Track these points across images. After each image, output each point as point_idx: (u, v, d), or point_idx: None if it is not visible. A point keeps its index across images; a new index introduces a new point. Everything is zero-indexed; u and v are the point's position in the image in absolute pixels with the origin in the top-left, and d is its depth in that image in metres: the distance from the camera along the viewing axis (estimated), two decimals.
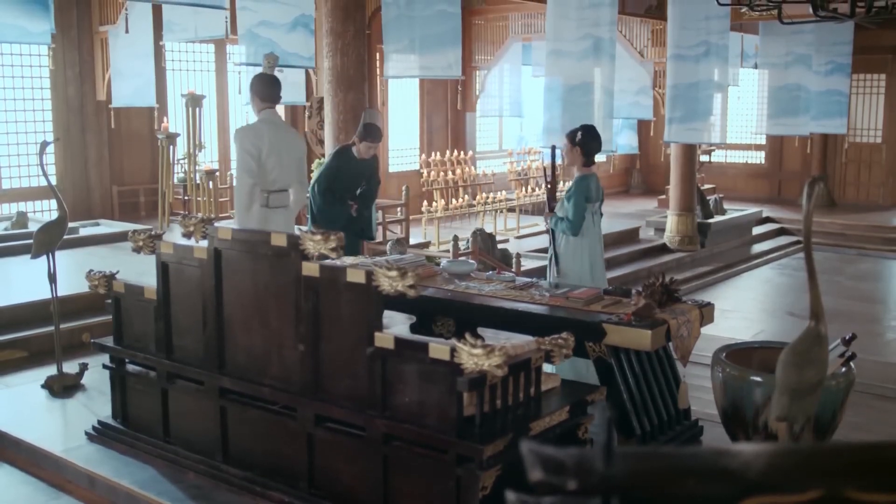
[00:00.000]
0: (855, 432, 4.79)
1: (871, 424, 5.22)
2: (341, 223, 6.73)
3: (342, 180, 6.71)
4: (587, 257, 5.87)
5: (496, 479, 3.54)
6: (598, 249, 5.94)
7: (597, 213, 5.93)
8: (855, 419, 4.91)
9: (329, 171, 6.74)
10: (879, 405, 5.63)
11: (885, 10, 6.37)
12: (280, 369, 4.21)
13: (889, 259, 13.69)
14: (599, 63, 8.71)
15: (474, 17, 13.94)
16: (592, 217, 5.88)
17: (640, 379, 4.72)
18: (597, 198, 5.91)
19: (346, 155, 6.77)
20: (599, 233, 5.96)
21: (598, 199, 5.94)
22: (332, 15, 7.41)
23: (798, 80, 12.87)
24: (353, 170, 6.75)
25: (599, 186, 5.98)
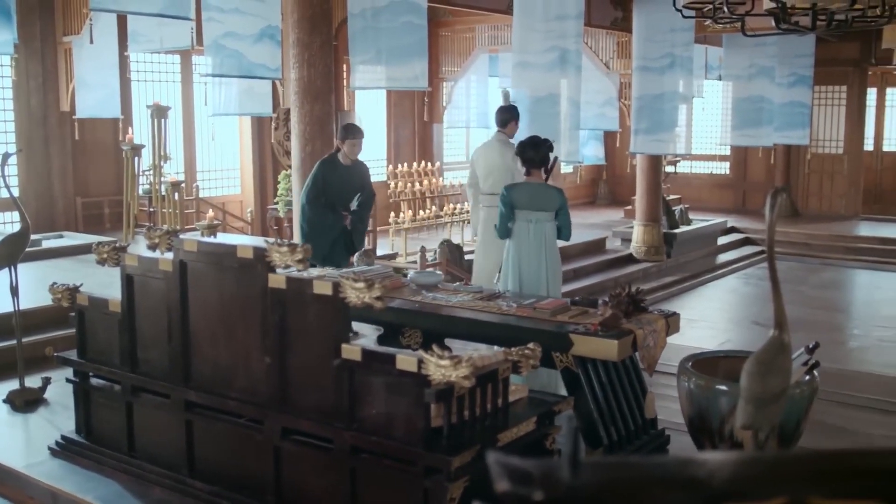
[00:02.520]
0: (819, 440, 4.83)
1: (835, 432, 5.27)
2: (333, 234, 6.70)
3: (331, 190, 6.66)
4: (510, 259, 5.85)
5: (464, 490, 3.54)
6: (530, 256, 5.83)
7: (534, 220, 5.82)
8: (819, 427, 4.95)
9: (315, 180, 6.70)
10: (843, 413, 5.69)
11: (845, 24, 6.45)
12: (246, 382, 4.18)
13: (851, 268, 13.86)
14: (566, 74, 8.76)
15: (441, 28, 13.97)
16: (527, 224, 5.82)
17: (607, 389, 4.74)
18: (530, 206, 5.81)
19: (332, 163, 6.75)
20: (537, 240, 5.83)
21: (535, 208, 5.82)
22: (298, 26, 7.40)
23: (761, 91, 13.02)
24: (341, 178, 6.72)
25: (544, 197, 5.87)
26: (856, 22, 6.53)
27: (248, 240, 10.14)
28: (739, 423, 2.99)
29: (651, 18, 10.82)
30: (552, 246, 5.93)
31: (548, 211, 5.86)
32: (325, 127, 7.46)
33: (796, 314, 9.40)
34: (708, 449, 4.32)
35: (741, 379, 2.99)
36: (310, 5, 7.36)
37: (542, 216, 5.84)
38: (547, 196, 5.88)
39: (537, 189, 5.88)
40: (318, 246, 6.29)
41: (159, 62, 11.96)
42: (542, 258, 5.85)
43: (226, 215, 11.62)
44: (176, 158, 11.76)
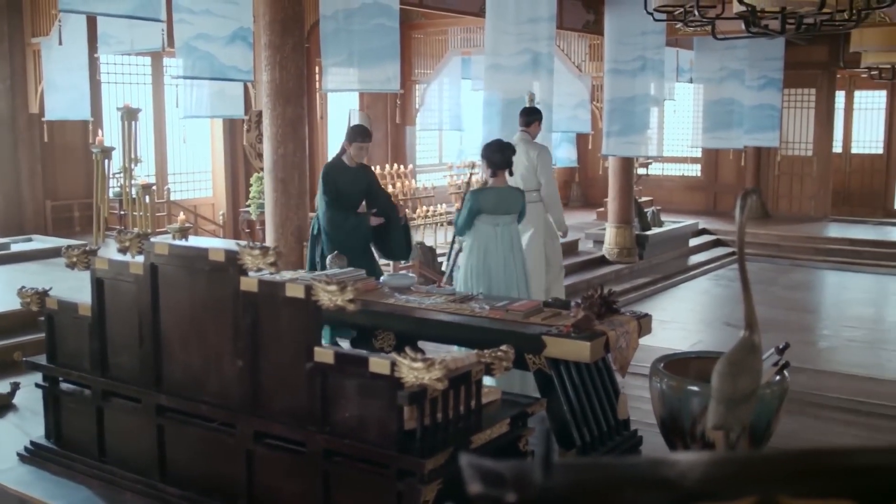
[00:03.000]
0: (789, 440, 4.87)
1: (805, 432, 5.32)
2: (361, 234, 6.60)
3: (340, 192, 6.60)
4: (475, 263, 5.92)
5: (437, 492, 3.53)
6: (497, 259, 5.90)
7: (501, 224, 5.92)
8: (789, 427, 4.99)
9: (326, 185, 6.59)
10: (813, 412, 5.74)
11: (814, 27, 6.51)
12: (218, 386, 4.16)
13: (821, 269, 14.00)
14: (538, 77, 8.78)
15: (413, 31, 13.97)
16: (494, 228, 5.91)
17: (579, 390, 4.75)
18: (497, 210, 5.90)
19: (337, 166, 6.70)
20: (504, 243, 5.92)
21: (501, 212, 5.91)
22: (270, 28, 7.37)
23: (732, 94, 13.13)
24: (347, 181, 6.66)
25: (508, 200, 5.95)
26: (824, 26, 6.59)
27: (219, 243, 10.09)
28: (710, 423, 3.01)
29: (622, 21, 10.88)
30: (519, 247, 6.06)
31: (512, 213, 5.99)
32: (297, 129, 7.43)
33: (767, 315, 9.48)
34: (680, 449, 4.35)
35: (712, 379, 3.01)
36: (282, 7, 7.34)
37: (507, 219, 5.96)
38: (512, 198, 5.99)
39: (503, 192, 5.99)
40: (346, 249, 6.27)
41: (130, 64, 11.87)
42: (511, 260, 5.94)
43: (197, 218, 11.56)
44: (147, 161, 11.67)
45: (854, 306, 11.79)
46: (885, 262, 13.85)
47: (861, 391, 6.24)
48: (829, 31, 7.16)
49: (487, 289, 5.85)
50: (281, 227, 7.44)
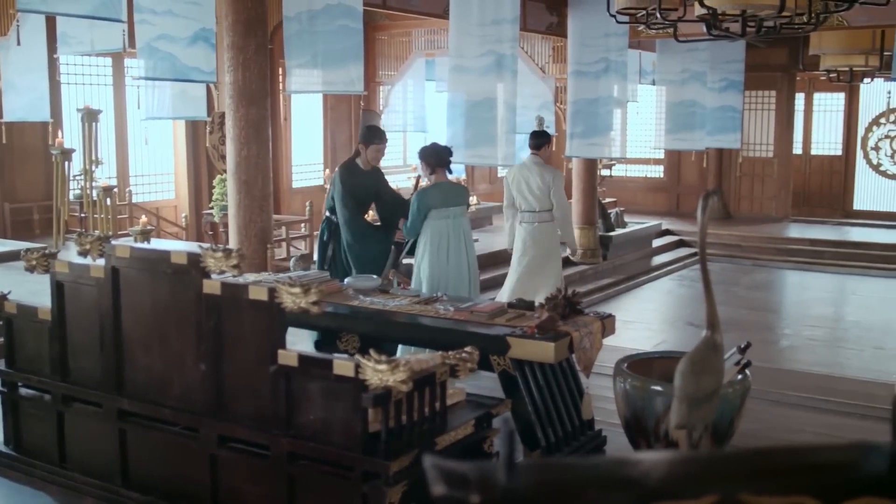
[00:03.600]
0: (751, 438, 4.92)
1: (767, 430, 5.37)
2: (385, 250, 6.48)
3: (355, 197, 6.46)
4: (429, 259, 6.15)
5: (402, 494, 3.53)
6: (450, 251, 6.14)
7: (451, 216, 6.20)
8: (751, 425, 5.04)
9: (344, 190, 6.44)
10: (775, 411, 5.80)
11: (774, 30, 6.59)
12: (181, 389, 4.12)
13: (782, 269, 14.16)
14: (502, 79, 8.79)
15: (377, 32, 13.95)
16: (446, 221, 6.18)
17: (544, 391, 4.77)
18: (445, 203, 6.19)
19: (351, 169, 6.59)
20: (457, 235, 6.19)
21: (450, 204, 6.20)
22: (233, 29, 7.32)
23: (694, 96, 13.23)
24: (360, 184, 6.55)
25: (454, 193, 6.34)
26: (784, 29, 6.67)
27: (182, 245, 10.01)
28: (673, 422, 3.03)
29: (585, 23, 10.93)
30: (471, 240, 6.35)
31: (461, 205, 6.30)
32: (260, 131, 7.39)
33: (729, 314, 9.58)
34: (644, 448, 4.37)
35: (675, 379, 3.03)
36: (244, 8, 7.29)
37: (457, 211, 6.24)
38: (457, 192, 6.36)
39: (446, 187, 6.35)
40: (368, 263, 6.24)
41: (90, 65, 11.74)
42: (464, 252, 6.21)
43: (160, 220, 11.45)
44: (108, 163, 11.54)
45: (814, 306, 11.93)
46: (845, 261, 14.03)
47: (822, 389, 6.31)
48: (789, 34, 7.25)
49: (444, 282, 6.01)
50: (244, 229, 7.39)
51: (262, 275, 5.72)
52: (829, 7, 6.48)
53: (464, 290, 6.17)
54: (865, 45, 11.15)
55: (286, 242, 10.22)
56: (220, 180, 10.21)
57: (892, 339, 6.22)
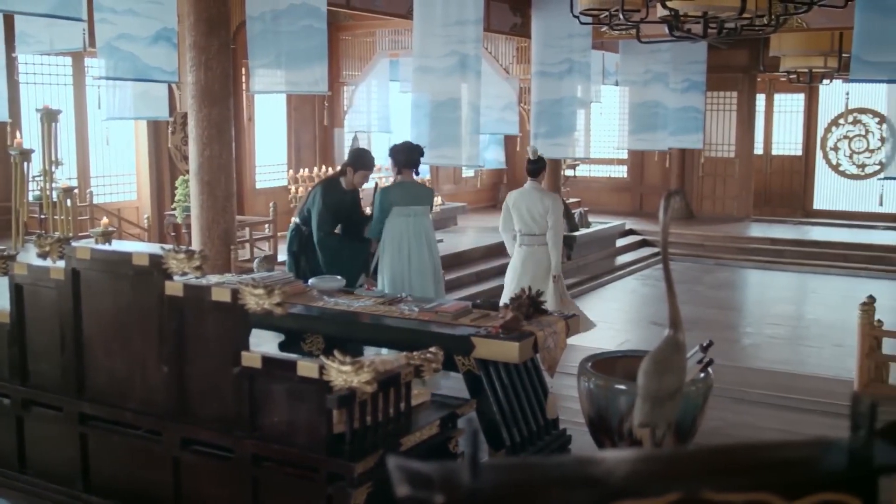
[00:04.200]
0: (714, 436, 4.96)
1: (730, 428, 5.42)
2: (360, 262, 6.56)
3: (335, 216, 6.54)
4: (389, 257, 6.33)
5: (368, 495, 3.52)
6: (411, 249, 6.28)
7: (412, 214, 6.34)
8: (714, 423, 5.09)
9: (326, 208, 6.50)
10: (737, 408, 5.86)
11: (735, 32, 6.65)
12: (144, 392, 4.08)
13: (744, 268, 14.31)
14: (466, 79, 8.81)
15: (341, 32, 13.91)
16: (406, 219, 6.32)
17: (509, 391, 4.78)
18: (406, 202, 6.33)
19: (335, 187, 6.61)
20: (417, 233, 6.33)
21: (412, 203, 6.33)
22: (195, 29, 7.26)
23: (656, 97, 13.33)
24: (339, 202, 6.60)
25: (417, 192, 6.46)
26: (744, 30, 6.74)
27: (144, 247, 9.92)
28: (637, 421, 3.05)
29: (549, 24, 10.98)
30: (433, 240, 6.45)
31: (424, 205, 6.40)
32: (223, 131, 7.34)
33: (692, 313, 9.66)
34: (608, 447, 4.40)
35: (638, 378, 3.05)
36: (207, 8, 7.24)
37: (418, 210, 6.35)
38: (420, 191, 6.47)
39: (409, 186, 6.47)
40: (349, 272, 6.29)
41: (50, 64, 11.59)
42: (426, 253, 6.32)
43: (121, 222, 11.33)
44: (68, 164, 11.41)
45: (776, 304, 12.07)
46: (805, 260, 14.21)
47: (783, 386, 6.39)
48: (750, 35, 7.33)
49: (405, 282, 6.10)
50: (207, 230, 7.34)
51: (225, 276, 5.68)
52: (788, 9, 6.56)
53: (428, 290, 6.21)
54: (824, 46, 11.30)
55: (250, 243, 10.16)
56: (183, 181, 10.13)
57: (852, 337, 6.30)
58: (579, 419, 4.89)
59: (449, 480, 1.16)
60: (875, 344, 6.11)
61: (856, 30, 6.46)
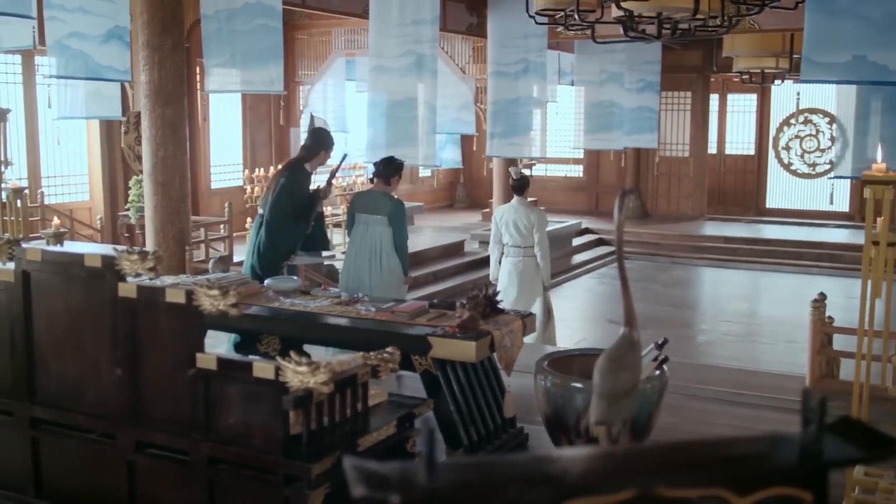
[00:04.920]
0: (670, 432, 5.01)
1: (685, 424, 5.48)
2: (299, 242, 6.54)
3: (298, 202, 6.46)
4: (346, 261, 6.56)
5: (325, 497, 3.50)
6: (361, 257, 6.44)
7: (368, 223, 6.44)
8: (670, 420, 5.14)
9: (298, 191, 6.45)
10: (692, 405, 5.92)
11: (688, 32, 6.72)
12: (97, 395, 4.03)
13: (698, 266, 14.46)
14: (422, 79, 8.81)
15: (297, 31, 13.84)
16: (364, 227, 6.45)
17: (466, 390, 4.79)
18: (366, 210, 6.47)
19: (302, 172, 6.52)
20: (369, 245, 6.43)
21: (370, 212, 6.45)
22: (148, 27, 7.19)
23: (612, 97, 13.43)
24: (305, 188, 6.55)
25: (376, 202, 6.47)
26: (698, 31, 6.81)
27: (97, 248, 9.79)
28: (593, 418, 3.07)
29: (505, 24, 11.02)
30: (388, 252, 6.39)
31: (379, 215, 6.39)
32: (177, 131, 7.27)
33: (647, 311, 9.75)
34: (565, 445, 4.42)
35: (594, 376, 3.07)
36: (160, 6, 7.17)
37: (374, 219, 6.42)
38: (380, 201, 6.44)
39: (373, 195, 6.58)
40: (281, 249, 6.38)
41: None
42: (378, 262, 6.35)
43: (73, 223, 11.17)
44: (18, 164, 11.21)
45: (729, 302, 12.21)
46: (758, 258, 14.40)
47: (737, 383, 6.47)
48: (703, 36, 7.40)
49: (357, 286, 6.17)
50: (161, 230, 7.28)
51: (180, 277, 5.62)
52: (741, 10, 6.63)
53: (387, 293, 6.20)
54: (776, 47, 11.46)
55: (205, 244, 10.07)
56: (137, 181, 10.01)
57: (803, 333, 6.40)
58: (536, 417, 4.91)
59: (405, 480, 1.16)
60: (826, 340, 6.21)
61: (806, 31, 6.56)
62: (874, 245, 3.67)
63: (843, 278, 12.49)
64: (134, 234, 10.47)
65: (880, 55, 6.29)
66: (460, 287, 11.00)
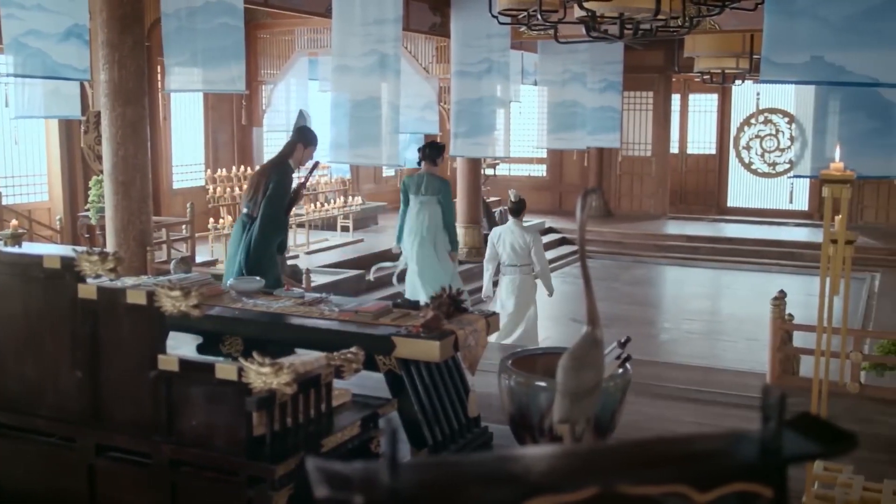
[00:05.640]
0: (633, 430, 5.04)
1: (648, 422, 5.51)
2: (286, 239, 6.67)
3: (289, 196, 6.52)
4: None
5: (289, 498, 3.49)
6: (415, 233, 8.13)
7: (421, 203, 8.35)
8: (633, 418, 5.17)
9: (285, 188, 6.46)
10: (655, 403, 5.96)
11: (650, 33, 6.76)
12: (56, 398, 3.98)
13: (661, 265, 14.57)
14: (385, 79, 8.79)
15: (259, 30, 13.76)
16: (418, 206, 8.38)
17: (430, 390, 4.78)
18: (415, 191, 8.42)
19: (288, 169, 6.52)
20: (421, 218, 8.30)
21: (418, 193, 8.35)
22: (107, 25, 7.11)
23: (574, 96, 13.47)
24: (290, 184, 6.58)
25: (420, 183, 8.21)
26: (659, 31, 6.86)
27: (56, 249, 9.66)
28: (556, 417, 3.08)
29: (468, 24, 11.02)
30: (439, 225, 8.23)
31: (431, 194, 7.96)
32: (138, 130, 7.20)
33: (610, 310, 9.80)
34: (529, 444, 4.43)
35: (557, 374, 3.07)
36: (120, 4, 7.09)
37: (427, 199, 7.96)
38: (432, 182, 8.07)
39: (425, 177, 8.12)
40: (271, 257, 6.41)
41: None
42: (429, 236, 7.95)
43: (32, 223, 11.02)
44: None
45: (692, 300, 12.32)
46: (720, 257, 14.54)
47: (699, 380, 6.53)
48: (665, 36, 7.46)
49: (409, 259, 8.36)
50: (122, 231, 7.20)
51: (141, 278, 5.57)
52: (701, 11, 6.69)
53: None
54: (736, 48, 11.58)
55: (167, 245, 9.98)
56: (97, 181, 9.90)
57: (764, 331, 6.47)
58: (500, 416, 4.92)
59: (368, 480, 1.16)
60: (786, 337, 6.28)
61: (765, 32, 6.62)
62: (832, 243, 3.71)
63: (803, 276, 12.65)
64: (94, 234, 10.35)
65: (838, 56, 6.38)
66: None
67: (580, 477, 1.22)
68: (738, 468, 1.26)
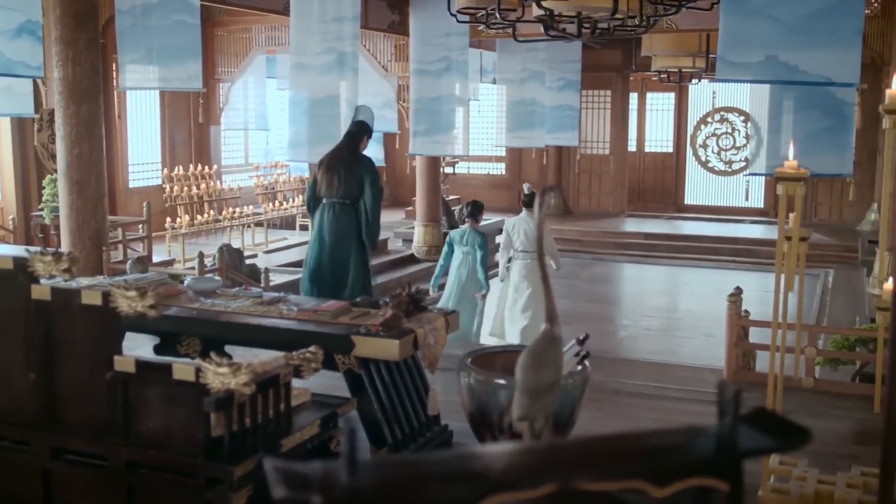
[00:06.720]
0: (592, 427, 5.07)
1: (607, 418, 5.55)
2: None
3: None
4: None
5: (248, 499, 3.47)
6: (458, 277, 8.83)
7: (465, 253, 8.82)
8: (592, 414, 5.20)
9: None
10: (614, 399, 6.00)
11: (607, 32, 6.81)
12: (9, 401, 3.92)
13: (619, 262, 14.67)
14: (343, 77, 8.76)
15: (216, 28, 13.65)
16: (462, 256, 8.90)
17: (390, 388, 4.78)
18: (459, 244, 9.01)
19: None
20: (464, 265, 8.89)
21: (461, 245, 8.98)
22: (61, 22, 7.02)
23: (533, 95, 13.53)
24: None
25: (464, 237, 9.02)
26: (617, 31, 6.91)
27: (9, 249, 9.52)
28: (515, 414, 3.09)
29: (427, 22, 11.02)
30: (474, 269, 8.84)
31: (471, 246, 8.83)
32: (93, 128, 7.12)
33: (569, 307, 9.86)
34: (489, 441, 4.44)
35: (516, 372, 3.09)
36: (74, 1, 7.01)
37: (467, 250, 8.84)
38: (473, 237, 8.91)
39: (468, 232, 8.90)
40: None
41: None
42: (469, 279, 8.85)
43: None
44: None
45: (650, 297, 12.43)
46: (677, 254, 14.67)
47: (657, 377, 6.57)
48: (622, 35, 7.52)
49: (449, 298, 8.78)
50: (77, 231, 7.11)
51: (96, 278, 5.50)
52: (658, 11, 6.75)
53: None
54: (692, 47, 11.70)
55: (123, 244, 9.85)
56: (51, 180, 9.76)
57: (721, 327, 6.54)
58: (460, 414, 4.92)
59: (327, 480, 1.15)
60: (742, 333, 6.35)
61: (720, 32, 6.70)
62: (787, 240, 3.76)
63: (759, 272, 12.80)
64: (48, 234, 10.21)
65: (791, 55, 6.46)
66: (384, 286, 10.95)
67: (539, 474, 1.22)
68: (694, 463, 1.27)
